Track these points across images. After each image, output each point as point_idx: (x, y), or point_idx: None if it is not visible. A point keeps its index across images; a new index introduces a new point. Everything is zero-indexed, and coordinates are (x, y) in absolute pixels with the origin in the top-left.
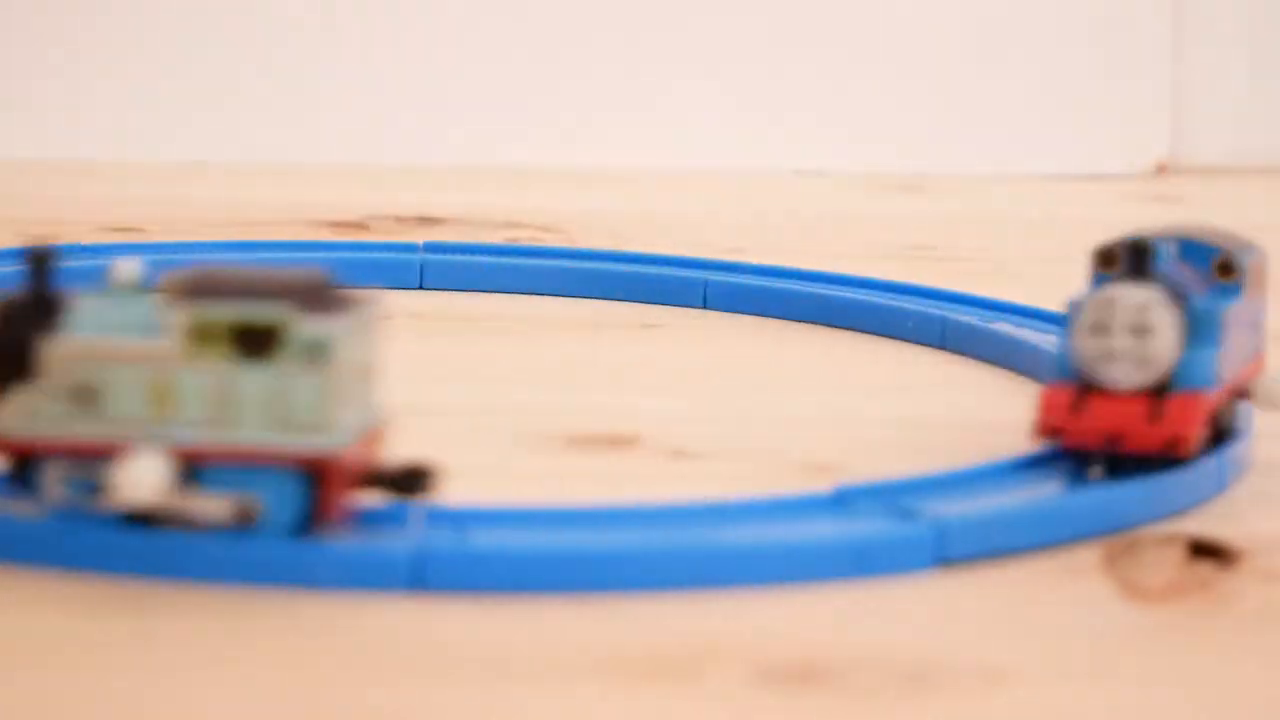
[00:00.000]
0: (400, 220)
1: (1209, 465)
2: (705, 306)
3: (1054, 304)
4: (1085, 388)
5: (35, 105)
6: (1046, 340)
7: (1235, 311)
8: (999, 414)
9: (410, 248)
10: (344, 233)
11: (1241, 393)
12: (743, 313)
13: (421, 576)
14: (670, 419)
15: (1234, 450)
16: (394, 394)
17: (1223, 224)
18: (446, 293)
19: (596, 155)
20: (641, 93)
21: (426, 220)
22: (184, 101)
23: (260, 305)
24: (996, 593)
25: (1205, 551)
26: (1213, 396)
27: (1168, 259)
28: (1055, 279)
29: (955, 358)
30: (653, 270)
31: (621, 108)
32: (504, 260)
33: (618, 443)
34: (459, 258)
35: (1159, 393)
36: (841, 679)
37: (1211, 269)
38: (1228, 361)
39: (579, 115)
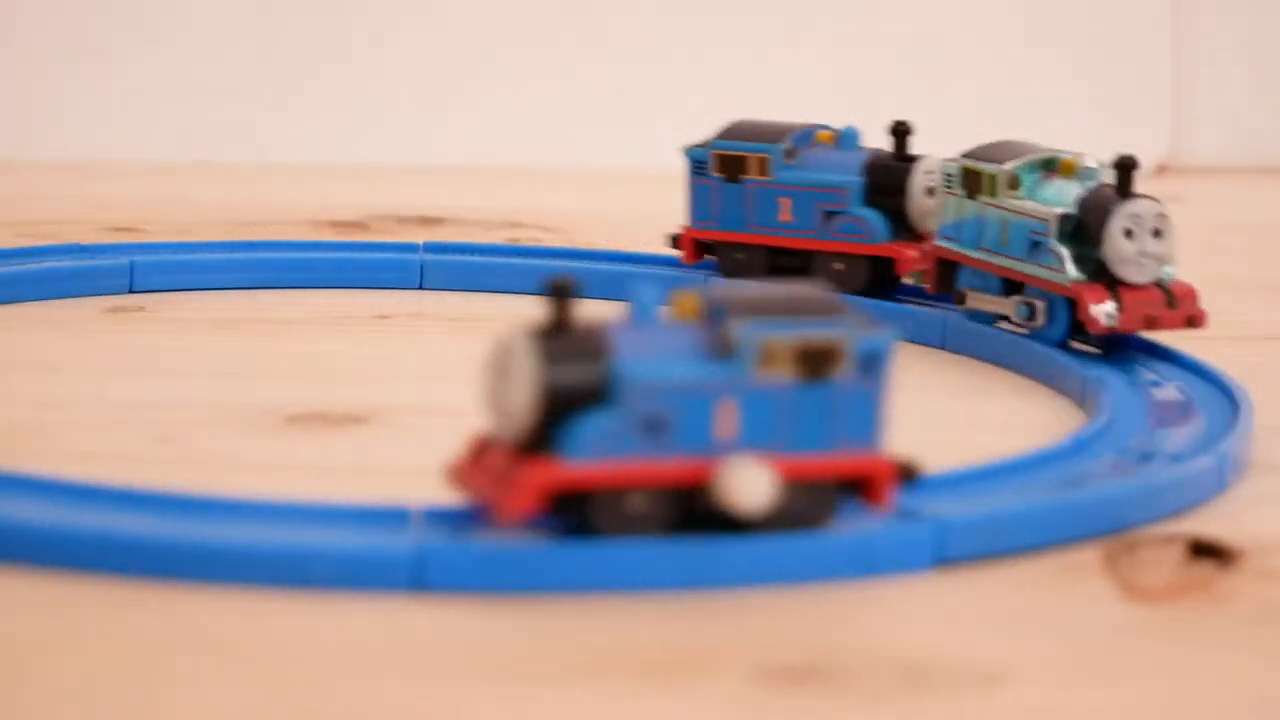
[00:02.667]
0: (400, 220)
1: (1209, 465)
2: None
3: None
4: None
5: (35, 105)
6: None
7: None
8: (999, 414)
9: (410, 248)
10: (344, 233)
11: None
12: None
13: (421, 576)
14: None
15: (1234, 450)
16: (394, 394)
17: (1222, 223)
18: (446, 293)
19: (596, 155)
20: (641, 93)
21: (426, 220)
22: (184, 101)
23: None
24: (996, 593)
25: (1205, 551)
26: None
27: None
28: None
29: (955, 358)
30: (652, 270)
31: (622, 107)
32: (504, 260)
33: None
34: (459, 258)
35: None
36: (841, 679)
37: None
38: None
39: (579, 115)
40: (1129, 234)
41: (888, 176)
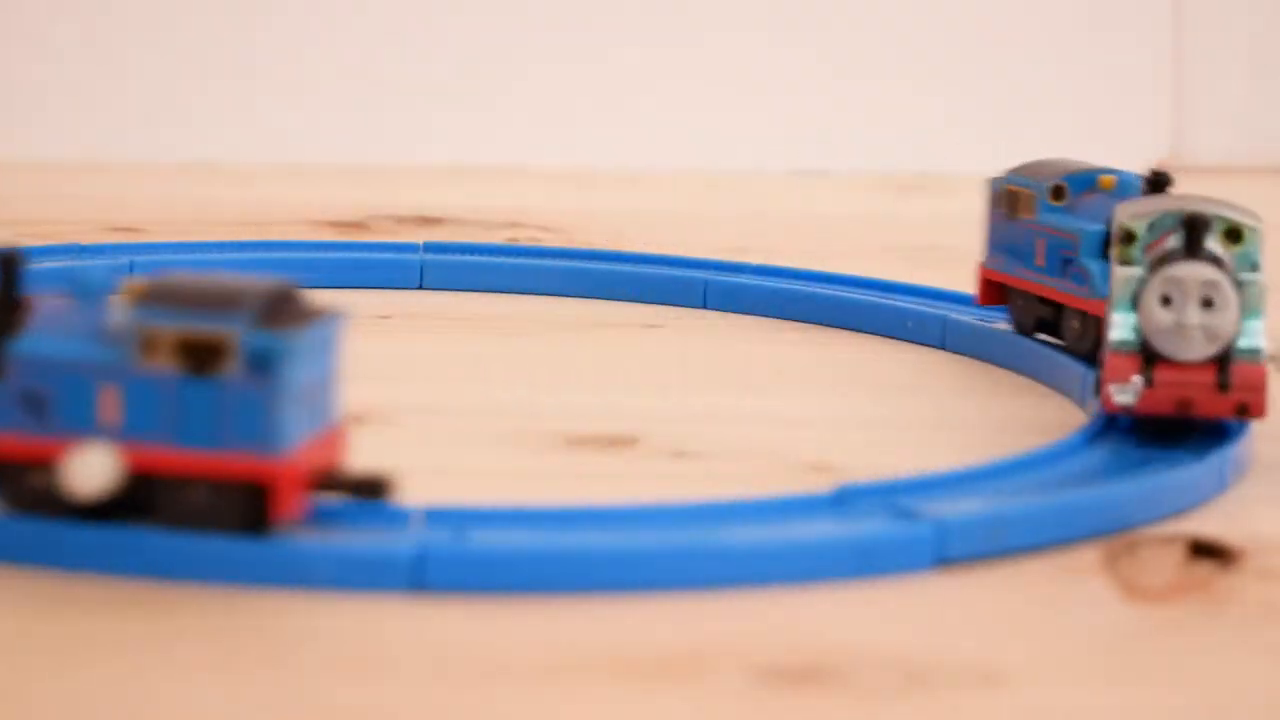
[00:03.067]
0: (400, 220)
1: (1209, 465)
2: (705, 306)
3: None
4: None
5: (36, 105)
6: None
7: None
8: (999, 414)
9: (410, 248)
10: (344, 233)
11: None
12: (743, 313)
13: (421, 576)
14: (670, 419)
15: (1234, 450)
16: (394, 394)
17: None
18: (446, 293)
19: (596, 155)
20: (641, 93)
21: (426, 220)
22: (184, 101)
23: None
24: (996, 593)
25: (1205, 551)
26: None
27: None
28: None
29: (955, 358)
30: (653, 270)
31: (621, 108)
32: (504, 260)
33: (618, 443)
34: (459, 258)
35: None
36: (841, 679)
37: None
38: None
39: (579, 115)
40: (1167, 301)
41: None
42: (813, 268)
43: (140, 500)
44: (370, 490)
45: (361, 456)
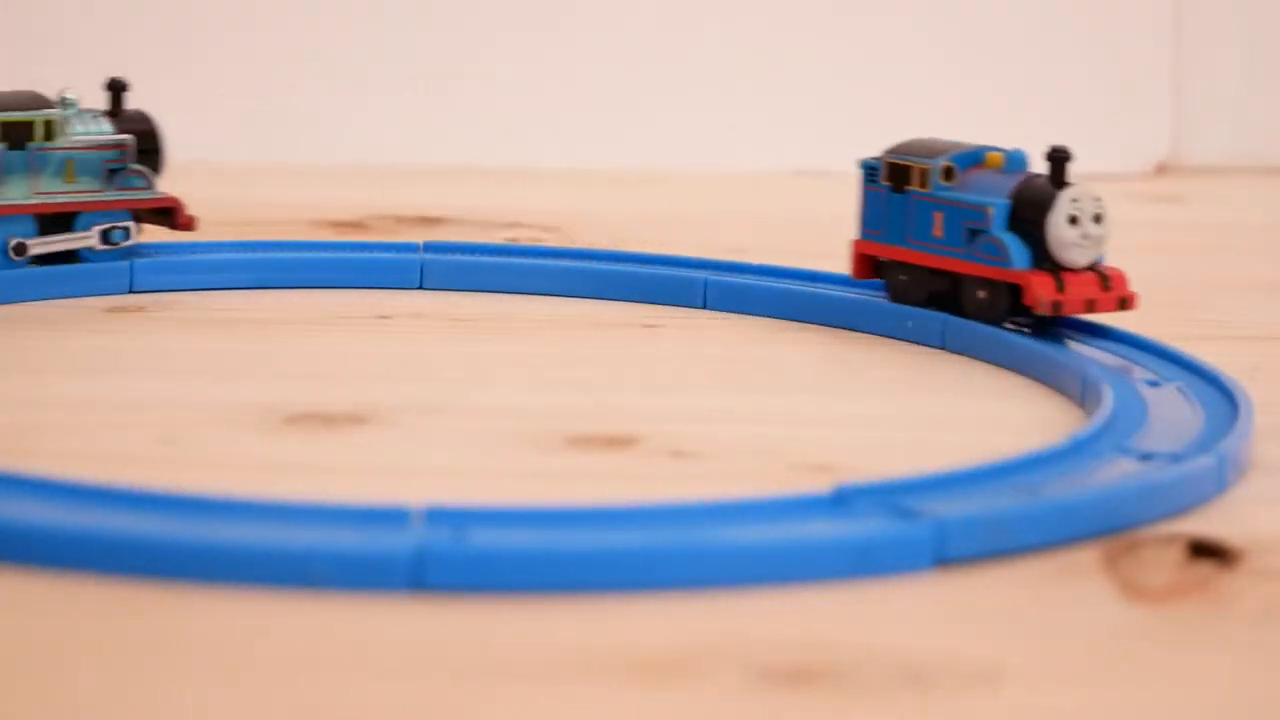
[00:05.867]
0: (400, 220)
1: (1209, 465)
2: (705, 306)
3: None
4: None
5: None
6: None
7: None
8: (999, 414)
9: (410, 247)
10: (344, 233)
11: None
12: (743, 313)
13: (421, 576)
14: (670, 419)
15: (1234, 450)
16: (394, 394)
17: (1222, 223)
18: (446, 293)
19: (596, 155)
20: (641, 93)
21: (426, 220)
22: (184, 101)
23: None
24: (996, 593)
25: (1205, 551)
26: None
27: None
28: None
29: (955, 358)
30: (653, 270)
31: (622, 108)
32: (504, 260)
33: (618, 443)
34: (459, 258)
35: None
36: (841, 679)
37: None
38: None
39: (579, 115)
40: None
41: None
42: (813, 268)
43: None
44: None
45: (362, 456)
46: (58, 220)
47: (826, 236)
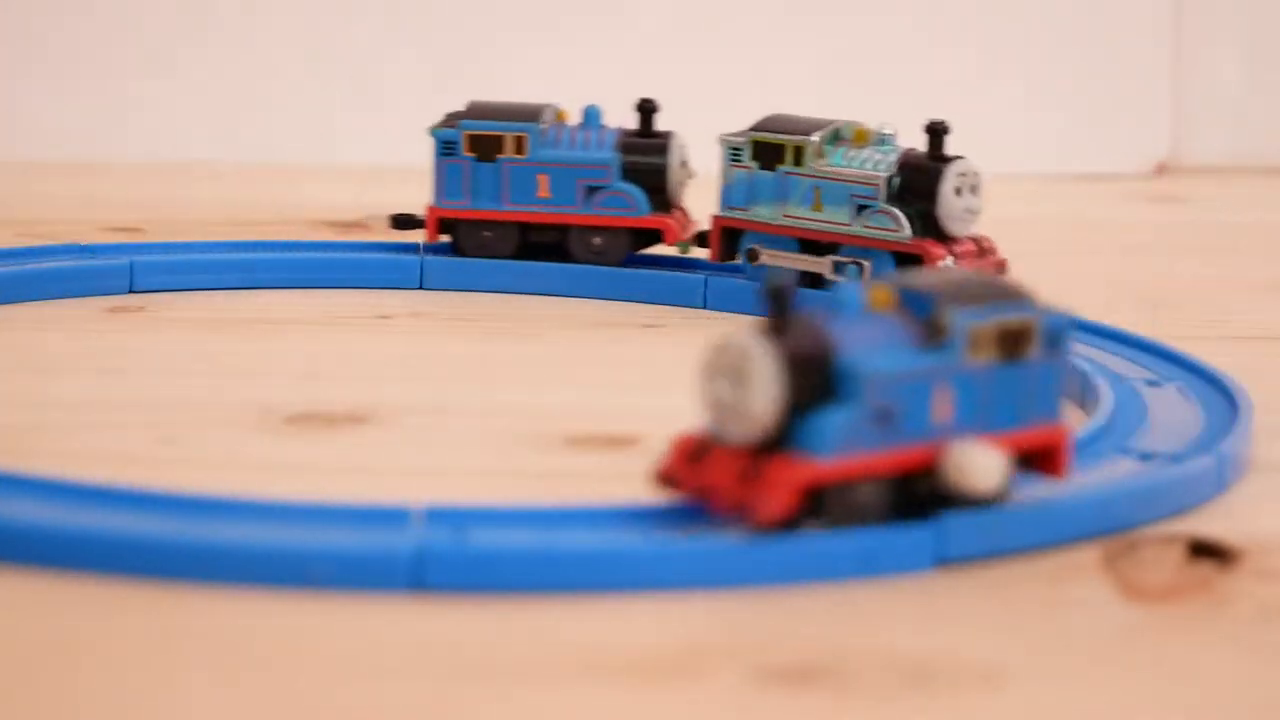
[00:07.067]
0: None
1: (1209, 465)
2: (705, 306)
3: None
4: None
5: (35, 106)
6: None
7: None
8: None
9: (410, 247)
10: (344, 233)
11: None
12: (743, 313)
13: (421, 576)
14: (670, 419)
15: (1234, 450)
16: (394, 394)
17: (1222, 223)
18: (446, 293)
19: None
20: (642, 92)
21: None
22: (184, 101)
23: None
24: (996, 593)
25: (1205, 551)
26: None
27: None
28: (1054, 279)
29: None
30: (653, 270)
31: (622, 108)
32: (503, 260)
33: (618, 443)
34: (458, 258)
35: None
36: (841, 679)
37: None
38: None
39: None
40: (959, 191)
41: (643, 153)
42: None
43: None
44: None
45: (362, 456)
46: (814, 247)
47: None
